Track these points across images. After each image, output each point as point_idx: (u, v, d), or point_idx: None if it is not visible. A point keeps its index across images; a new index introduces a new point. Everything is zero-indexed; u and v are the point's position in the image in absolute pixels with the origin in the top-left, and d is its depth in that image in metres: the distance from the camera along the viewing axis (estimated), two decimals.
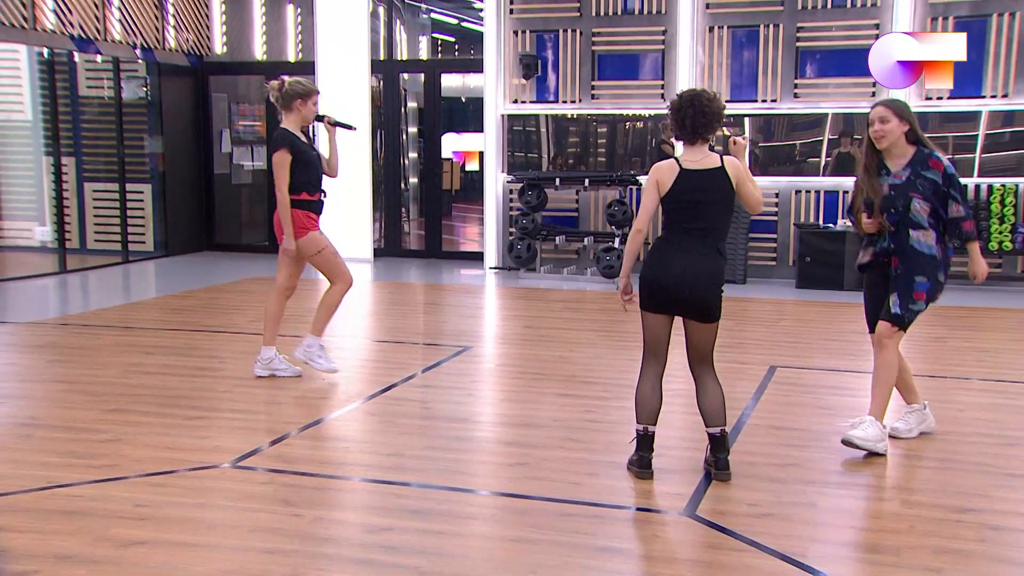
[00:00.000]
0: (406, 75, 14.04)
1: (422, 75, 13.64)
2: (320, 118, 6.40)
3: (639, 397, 4.41)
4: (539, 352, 7.07)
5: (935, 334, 7.87)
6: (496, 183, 11.81)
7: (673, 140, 5.64)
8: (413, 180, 14.87)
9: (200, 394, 5.83)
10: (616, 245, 10.69)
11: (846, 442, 4.64)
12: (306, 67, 12.90)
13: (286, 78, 6.35)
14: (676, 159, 4.32)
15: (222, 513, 3.97)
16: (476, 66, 12.29)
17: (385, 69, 13.20)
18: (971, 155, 10.57)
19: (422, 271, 12.03)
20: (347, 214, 12.52)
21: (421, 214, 14.22)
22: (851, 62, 10.63)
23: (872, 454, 4.64)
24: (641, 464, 4.40)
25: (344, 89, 12.38)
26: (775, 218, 10.92)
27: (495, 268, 12.00)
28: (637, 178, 10.92)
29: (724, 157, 4.30)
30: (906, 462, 4.72)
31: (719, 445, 4.37)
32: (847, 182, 10.78)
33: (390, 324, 8.54)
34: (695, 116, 4.23)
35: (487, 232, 11.95)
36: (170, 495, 4.13)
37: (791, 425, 5.25)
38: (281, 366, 6.25)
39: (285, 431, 5.09)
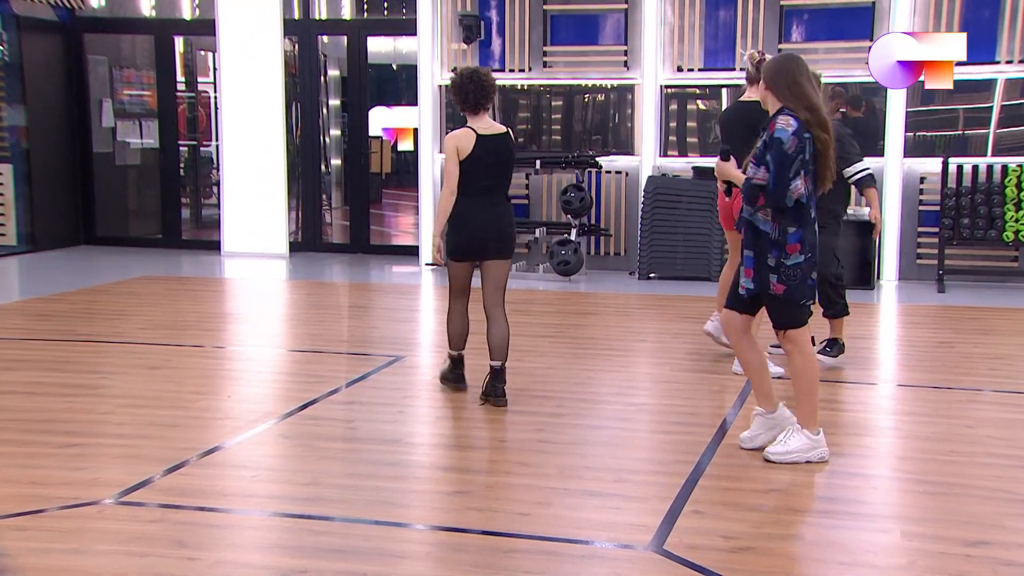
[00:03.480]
0: (326, 38, 13.95)
1: (345, 38, 13.55)
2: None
3: (452, 329, 6.13)
4: (484, 362, 7.04)
5: (941, 338, 8.01)
6: (433, 165, 11.78)
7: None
8: (336, 162, 14.80)
9: (75, 417, 5.73)
10: (573, 237, 10.74)
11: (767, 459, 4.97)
12: (205, 26, 12.78)
13: (765, 53, 6.54)
14: (470, 127, 5.83)
15: (102, 560, 3.90)
16: (408, 28, 12.25)
17: (301, 30, 13.10)
18: (984, 130, 10.78)
19: (347, 268, 11.96)
20: (256, 202, 12.42)
21: (345, 202, 14.16)
22: (844, 23, 10.79)
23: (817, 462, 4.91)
24: (456, 380, 6.23)
25: (251, 54, 12.27)
26: None
27: (432, 265, 11.96)
28: (597, 159, 10.98)
29: (508, 128, 5.98)
30: (907, 487, 4.80)
31: (498, 376, 5.95)
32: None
33: (308, 330, 8.48)
34: (476, 90, 5.81)
35: (423, 223, 11.92)
36: (36, 540, 4.05)
37: None
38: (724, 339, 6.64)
39: (181, 458, 5.02)
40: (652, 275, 10.92)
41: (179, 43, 13.81)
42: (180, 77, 13.97)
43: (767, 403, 5.14)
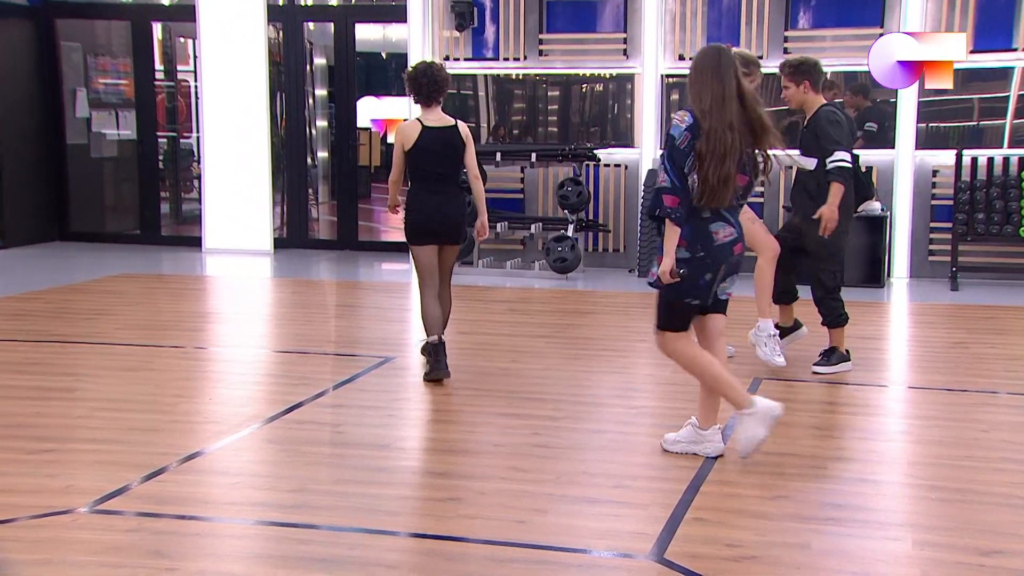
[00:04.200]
0: (312, 24, 13.94)
1: (331, 25, 13.54)
2: None
3: (427, 315, 6.54)
4: (477, 363, 7.06)
5: (954, 339, 8.03)
6: None
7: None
8: (323, 155, 14.77)
9: (49, 421, 5.71)
10: (570, 233, 10.74)
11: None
12: (185, 11, 12.76)
13: (732, 46, 6.55)
14: (419, 119, 6.51)
15: (75, 572, 3.88)
16: (398, 14, 12.24)
17: (286, 16, 13.10)
18: (1000, 121, 10.80)
19: (334, 266, 11.95)
20: (239, 197, 12.41)
21: (333, 196, 14.14)
22: (853, 10, 10.81)
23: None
24: (438, 366, 6.47)
25: (233, 41, 12.26)
26: (760, 199, 10.94)
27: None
28: (595, 152, 10.97)
29: (458, 120, 6.60)
30: (919, 493, 4.80)
31: (440, 350, 6.51)
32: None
33: (294, 330, 8.47)
34: (429, 83, 6.47)
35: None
36: (6, 551, 4.02)
37: (779, 449, 5.29)
38: (765, 348, 6.67)
39: (161, 464, 5.01)
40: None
41: (157, 29, 13.80)
42: (159, 65, 13.93)
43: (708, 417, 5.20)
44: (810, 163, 6.66)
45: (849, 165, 6.54)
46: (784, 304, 7.04)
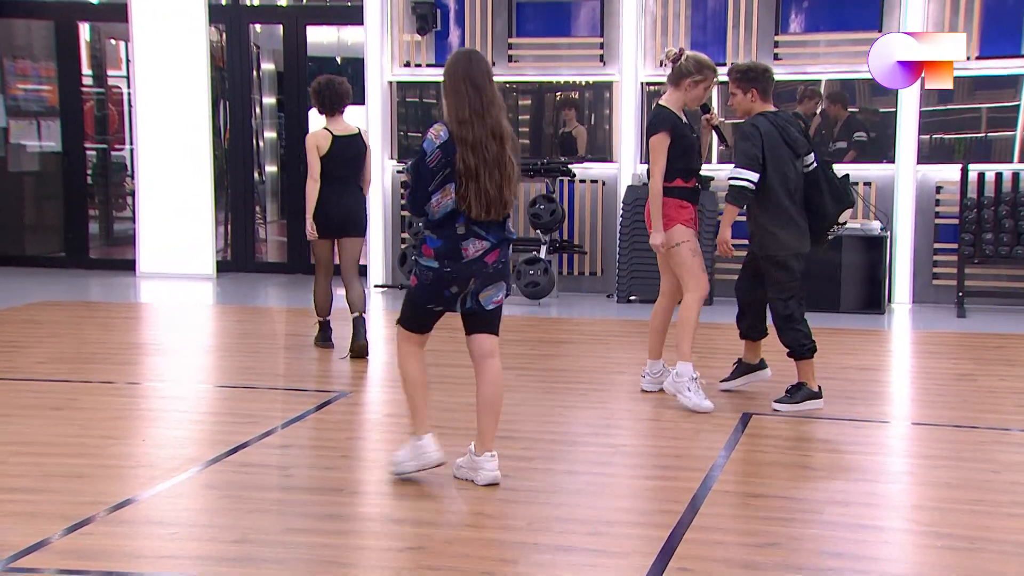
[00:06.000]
0: (258, 26, 13.96)
1: (281, 27, 13.57)
2: (706, 109, 7.04)
3: (318, 299, 8.40)
4: (439, 398, 7.03)
5: (961, 370, 8.08)
6: (383, 173, 11.78)
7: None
8: (271, 169, 14.75)
9: None
10: (543, 255, 10.76)
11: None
12: (115, 10, 12.74)
13: (685, 49, 6.95)
14: (327, 128, 8.07)
15: None
16: (354, 16, 12.28)
17: (229, 17, 13.11)
18: (1009, 132, 10.92)
19: (283, 291, 11.92)
20: (178, 215, 12.36)
21: (282, 215, 14.13)
22: (849, 12, 10.92)
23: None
24: (325, 339, 8.54)
25: (171, 43, 12.24)
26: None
27: (382, 287, 11.94)
28: (570, 167, 11.02)
29: (360, 128, 8.24)
30: (923, 541, 4.82)
31: (360, 324, 8.12)
32: (845, 171, 11.01)
33: (239, 363, 8.44)
34: (332, 96, 8.03)
35: (371, 239, 11.90)
36: None
37: (770, 492, 5.32)
38: (687, 393, 6.69)
39: (86, 514, 4.96)
40: (633, 298, 10.96)
41: (85, 30, 13.75)
42: (86, 70, 13.89)
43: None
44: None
45: (749, 185, 6.57)
46: (750, 340, 7.07)
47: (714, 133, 7.14)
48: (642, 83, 11.32)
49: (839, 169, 7.07)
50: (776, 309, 6.75)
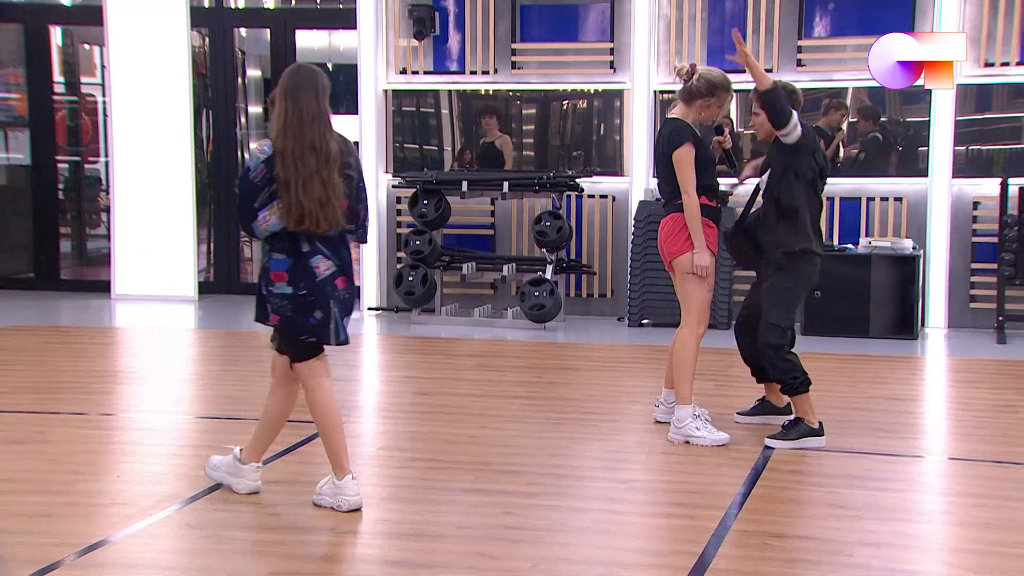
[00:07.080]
0: (244, 31, 14.02)
1: (268, 31, 13.62)
2: (720, 131, 7.14)
3: None
4: (438, 430, 7.04)
5: (1002, 400, 8.06)
6: (377, 188, 11.80)
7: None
8: None
9: None
10: (549, 276, 10.76)
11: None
12: (89, 13, 12.79)
13: (697, 65, 7.00)
14: None
15: None
16: (346, 20, 12.32)
17: (213, 21, 13.16)
18: None
19: None
20: (157, 233, 12.37)
21: None
22: (878, 15, 10.93)
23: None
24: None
25: (149, 49, 12.28)
26: None
27: (376, 309, 11.94)
28: (578, 181, 11.02)
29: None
30: None
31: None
32: (872, 185, 11.04)
33: (221, 392, 8.44)
34: None
35: (364, 258, 11.92)
36: None
37: (794, 531, 5.30)
38: (697, 432, 6.67)
39: (54, 558, 4.94)
40: (645, 322, 10.95)
41: (56, 34, 13.82)
42: (58, 77, 13.95)
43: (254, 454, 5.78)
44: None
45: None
46: (769, 382, 7.05)
47: (723, 154, 7.16)
48: (655, 91, 11.35)
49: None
50: (766, 337, 6.65)
